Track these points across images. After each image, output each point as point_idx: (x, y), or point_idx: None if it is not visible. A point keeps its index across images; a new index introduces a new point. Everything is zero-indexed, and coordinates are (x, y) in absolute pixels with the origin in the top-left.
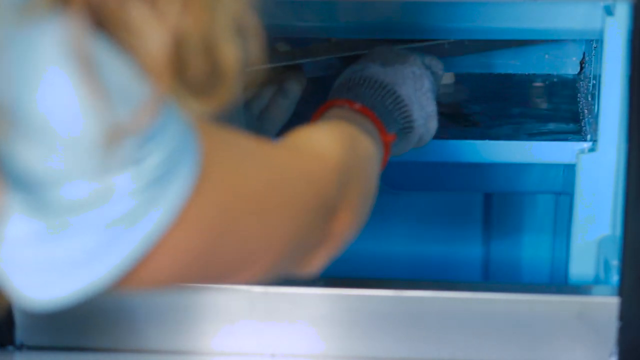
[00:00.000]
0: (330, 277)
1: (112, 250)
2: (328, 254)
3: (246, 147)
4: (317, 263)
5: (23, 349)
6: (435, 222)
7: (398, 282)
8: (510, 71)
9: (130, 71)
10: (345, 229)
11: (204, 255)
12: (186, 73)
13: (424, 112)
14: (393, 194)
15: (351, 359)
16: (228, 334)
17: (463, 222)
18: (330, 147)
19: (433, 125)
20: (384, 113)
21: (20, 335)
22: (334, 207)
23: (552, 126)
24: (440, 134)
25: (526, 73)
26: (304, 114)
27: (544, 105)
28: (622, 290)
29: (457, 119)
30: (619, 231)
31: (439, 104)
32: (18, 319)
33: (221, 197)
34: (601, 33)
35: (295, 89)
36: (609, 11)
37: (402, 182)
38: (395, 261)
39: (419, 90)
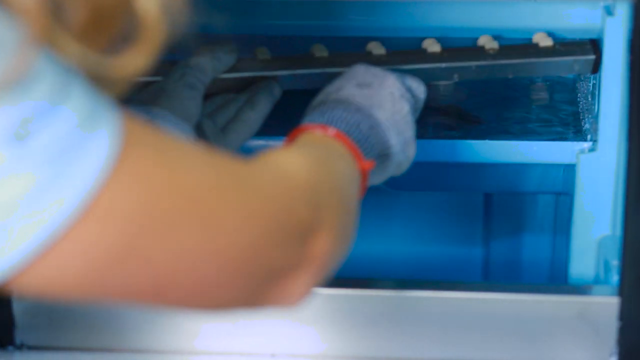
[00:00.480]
0: (330, 278)
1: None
2: (309, 279)
3: (191, 150)
4: (298, 290)
5: (23, 349)
6: (435, 222)
7: (398, 282)
8: None
9: None
10: (326, 252)
11: (124, 257)
12: (66, 16)
13: (402, 138)
14: (393, 194)
15: (351, 359)
16: (228, 334)
17: (463, 222)
18: (299, 167)
19: (411, 151)
20: (360, 139)
21: (20, 335)
22: (309, 229)
23: (552, 126)
24: (440, 134)
25: None
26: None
27: (544, 106)
28: (622, 290)
29: (457, 118)
30: (619, 231)
31: (439, 104)
32: (18, 319)
33: (147, 193)
34: (601, 33)
35: (265, 102)
36: (609, 11)
37: (402, 182)
38: (395, 261)
39: (397, 114)
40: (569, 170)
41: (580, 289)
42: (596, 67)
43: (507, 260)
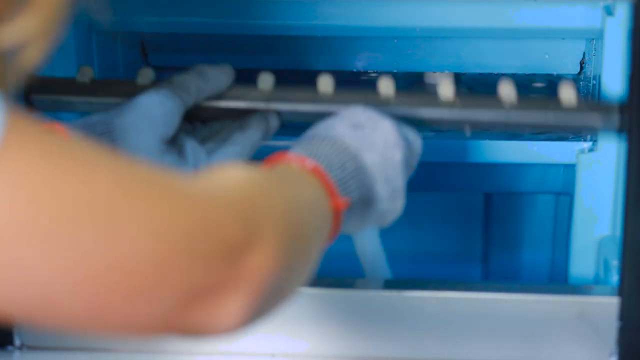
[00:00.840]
0: (330, 277)
1: None
2: (244, 302)
3: (92, 157)
4: (230, 313)
5: (23, 349)
6: (435, 222)
7: (398, 282)
8: (510, 71)
9: None
10: (264, 272)
11: (1, 269)
12: None
13: (390, 187)
14: None
15: (351, 359)
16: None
17: (463, 222)
18: (240, 184)
19: (399, 203)
20: (341, 178)
21: (20, 335)
22: (240, 246)
23: None
24: (440, 134)
25: (526, 73)
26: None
27: None
28: (622, 290)
29: None
30: (619, 231)
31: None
32: None
33: (26, 198)
34: (601, 33)
35: (256, 127)
36: (609, 11)
37: None
38: (395, 261)
39: (388, 161)
40: (569, 170)
41: (580, 289)
42: (622, 129)
43: (507, 261)
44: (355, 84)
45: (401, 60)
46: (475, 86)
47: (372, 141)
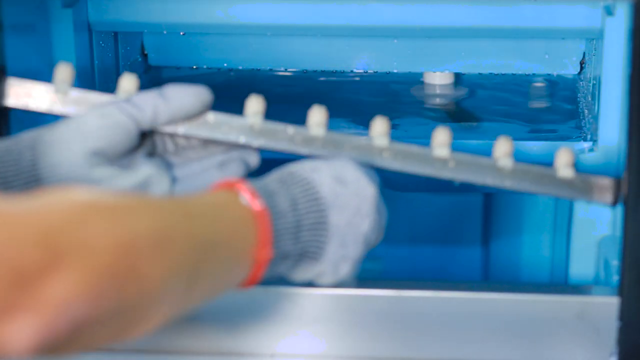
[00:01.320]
0: None
1: None
2: (38, 325)
3: None
4: (20, 336)
5: None
6: (435, 222)
7: (398, 282)
8: (510, 71)
9: None
10: (59, 302)
11: None
12: None
13: (342, 251)
14: (393, 194)
15: (351, 359)
16: (228, 334)
17: (463, 222)
18: (61, 209)
19: (344, 269)
20: (288, 228)
21: None
22: (32, 274)
23: (552, 126)
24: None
25: (526, 73)
26: None
27: (544, 105)
28: (622, 290)
29: (457, 118)
30: (619, 231)
31: (439, 104)
32: None
33: None
34: (601, 33)
35: (237, 169)
36: (609, 11)
37: (402, 182)
38: (395, 261)
39: (353, 228)
40: None
41: (580, 289)
42: (615, 202)
43: (507, 260)
44: (353, 91)
45: (401, 60)
46: (475, 86)
47: (346, 202)
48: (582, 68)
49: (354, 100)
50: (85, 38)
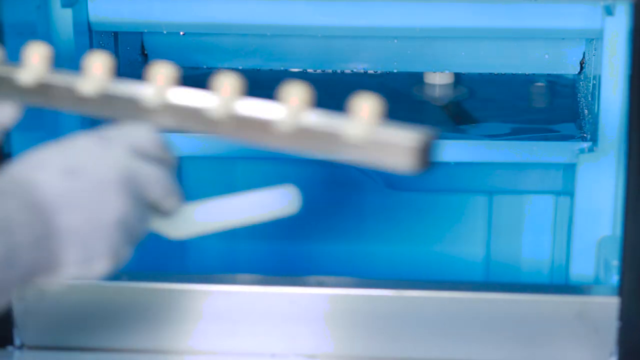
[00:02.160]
0: (330, 277)
1: None
2: None
3: None
4: None
5: (23, 349)
6: (436, 222)
7: (398, 282)
8: (510, 71)
9: None
10: None
11: None
12: None
13: (88, 252)
14: (393, 194)
15: (351, 358)
16: (228, 334)
17: (464, 222)
18: None
19: (99, 267)
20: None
21: (20, 335)
22: None
23: (552, 126)
24: (440, 134)
25: (526, 73)
26: None
27: (544, 105)
28: (622, 290)
29: (457, 118)
30: (619, 231)
31: (439, 104)
32: (18, 319)
33: None
34: (601, 33)
35: None
36: (609, 11)
37: (402, 182)
38: (395, 261)
39: (94, 222)
40: (569, 170)
41: (580, 289)
42: (417, 168)
43: (507, 260)
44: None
45: (401, 60)
46: (476, 86)
47: (81, 196)
48: (582, 68)
49: None
50: (85, 38)
